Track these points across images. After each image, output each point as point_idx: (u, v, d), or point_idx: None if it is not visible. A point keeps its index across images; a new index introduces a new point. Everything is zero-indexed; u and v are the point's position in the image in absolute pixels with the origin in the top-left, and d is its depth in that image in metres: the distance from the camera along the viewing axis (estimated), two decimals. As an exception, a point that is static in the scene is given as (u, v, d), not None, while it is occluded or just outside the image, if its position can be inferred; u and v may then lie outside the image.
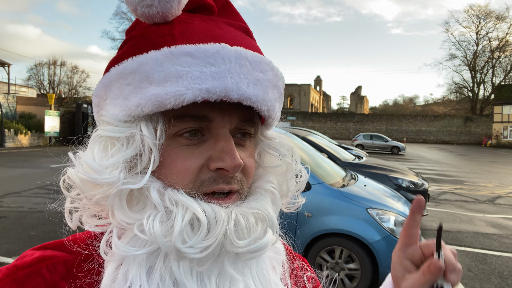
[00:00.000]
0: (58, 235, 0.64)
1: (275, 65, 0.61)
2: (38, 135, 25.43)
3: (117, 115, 0.56)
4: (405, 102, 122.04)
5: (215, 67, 0.52)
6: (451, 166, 20.58)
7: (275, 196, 0.63)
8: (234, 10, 0.65)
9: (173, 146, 0.55)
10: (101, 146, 0.55)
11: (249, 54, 0.55)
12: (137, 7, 0.55)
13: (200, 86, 0.50)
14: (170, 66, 0.51)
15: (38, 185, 10.11)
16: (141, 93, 0.53)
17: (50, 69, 52.16)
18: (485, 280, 4.82)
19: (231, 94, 0.52)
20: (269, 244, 0.56)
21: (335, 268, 4.08)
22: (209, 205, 0.52)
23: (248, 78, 0.54)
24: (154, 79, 0.52)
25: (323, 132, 52.91)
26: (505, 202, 10.32)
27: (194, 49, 0.52)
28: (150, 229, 0.50)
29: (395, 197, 4.84)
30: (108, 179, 0.51)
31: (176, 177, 0.54)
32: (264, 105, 0.56)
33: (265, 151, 0.68)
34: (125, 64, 0.55)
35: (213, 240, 0.50)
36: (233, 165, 0.54)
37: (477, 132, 55.64)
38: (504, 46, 63.24)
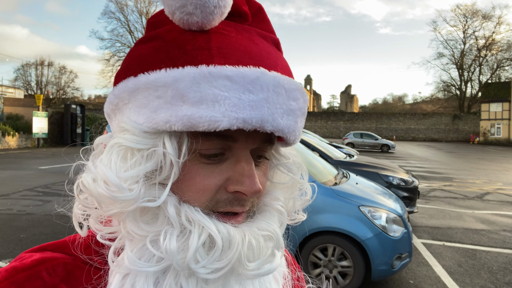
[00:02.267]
0: (48, 237, 0.62)
1: (304, 90, 0.59)
2: (26, 136, 25.05)
3: (141, 124, 0.52)
4: (394, 100, 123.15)
5: (253, 95, 0.49)
6: (440, 164, 20.84)
7: (282, 215, 0.62)
8: (266, 18, 0.63)
9: (194, 162, 0.53)
10: (119, 156, 0.52)
11: (286, 81, 0.53)
12: (176, 11, 0.51)
13: (237, 115, 0.48)
14: (207, 88, 0.48)
15: (26, 187, 9.97)
16: (172, 110, 0.50)
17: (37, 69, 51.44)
18: (475, 275, 4.90)
19: (266, 125, 0.50)
20: (278, 267, 0.56)
21: (328, 266, 4.11)
22: (224, 226, 0.52)
23: (283, 108, 0.52)
24: (188, 98, 0.49)
25: (314, 131, 53.14)
26: (493, 198, 10.48)
27: (234, 73, 0.49)
28: (167, 247, 0.49)
29: (386, 194, 4.89)
30: (129, 196, 0.49)
31: (194, 194, 0.53)
32: (293, 136, 0.55)
33: (277, 169, 0.67)
34: (156, 75, 0.51)
35: (226, 262, 0.50)
36: (252, 191, 0.53)
37: (465, 129, 56.44)
38: (490, 45, 64.24)
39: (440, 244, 6.13)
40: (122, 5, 56.60)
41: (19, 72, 53.71)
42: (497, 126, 49.89)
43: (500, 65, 63.43)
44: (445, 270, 5.02)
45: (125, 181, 0.50)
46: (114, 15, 55.69)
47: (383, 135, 54.35)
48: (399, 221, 4.19)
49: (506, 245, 6.18)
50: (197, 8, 0.50)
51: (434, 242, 6.23)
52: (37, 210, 7.51)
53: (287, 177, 0.67)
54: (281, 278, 0.65)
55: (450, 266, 5.16)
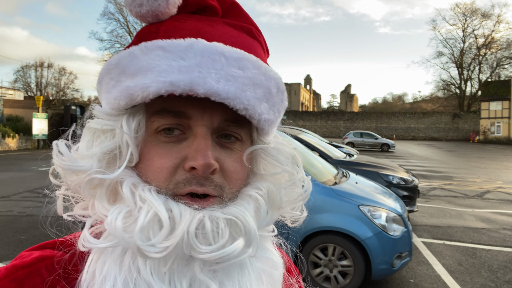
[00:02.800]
0: (48, 238, 0.63)
1: (265, 65, 0.57)
2: (26, 138, 25.05)
3: (104, 108, 0.59)
4: (394, 99, 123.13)
5: (184, 61, 0.51)
6: (440, 162, 20.84)
7: (259, 203, 0.57)
8: (242, 12, 0.63)
9: (153, 142, 0.55)
10: (88, 137, 0.58)
11: (227, 49, 0.53)
12: (131, 7, 0.57)
13: (164, 78, 0.50)
14: (143, 60, 0.52)
15: (27, 188, 9.97)
16: (118, 86, 0.55)
17: (37, 71, 51.45)
18: (475, 273, 4.90)
19: (196, 88, 0.50)
20: (240, 253, 0.52)
21: (328, 265, 4.11)
22: (177, 204, 0.51)
23: (220, 74, 0.51)
24: (129, 72, 0.53)
25: (313, 130, 53.12)
26: (493, 196, 10.49)
27: (167, 44, 0.52)
28: (112, 222, 0.50)
29: (386, 193, 4.89)
30: (80, 167, 0.54)
31: (151, 174, 0.54)
32: (239, 103, 0.52)
33: (260, 157, 0.64)
34: (110, 59, 0.57)
35: (172, 240, 0.49)
36: (202, 163, 0.51)
37: (465, 128, 56.42)
38: (490, 43, 64.24)
39: (440, 243, 6.14)
40: (122, 6, 56.61)
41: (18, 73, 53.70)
42: (497, 125, 49.87)
43: (500, 63, 63.43)
44: (445, 268, 5.02)
45: (85, 157, 0.55)
46: (113, 16, 55.69)
47: (383, 134, 54.35)
48: (399, 220, 4.20)
49: (506, 244, 6.18)
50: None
51: (434, 241, 6.23)
52: (37, 211, 7.52)
53: (275, 167, 0.63)
54: (271, 281, 0.61)
55: (451, 265, 5.17)
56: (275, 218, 0.61)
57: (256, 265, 0.59)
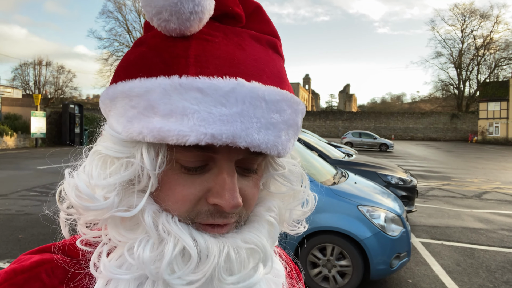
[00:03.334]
0: (47, 237, 0.62)
1: (296, 99, 0.55)
2: (24, 136, 24.99)
3: (119, 133, 0.52)
4: (393, 99, 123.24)
5: (226, 109, 0.46)
6: (439, 163, 20.88)
7: (273, 227, 0.59)
8: (265, 18, 0.59)
9: (174, 171, 0.52)
10: (100, 163, 0.53)
11: (267, 92, 0.49)
12: (154, 18, 0.50)
13: (205, 130, 0.46)
14: (177, 101, 0.47)
15: (25, 187, 9.95)
16: (144, 121, 0.49)
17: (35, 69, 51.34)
18: (473, 274, 4.91)
19: (238, 141, 0.47)
20: (260, 281, 0.54)
21: (327, 265, 4.11)
22: (202, 237, 0.51)
23: (261, 122, 0.48)
24: (159, 110, 0.48)
25: (312, 130, 53.19)
26: (491, 197, 10.51)
27: (207, 85, 0.46)
28: (140, 256, 0.49)
29: (384, 194, 4.89)
30: (102, 206, 0.50)
31: (173, 204, 0.52)
32: (274, 150, 0.51)
33: (274, 179, 0.64)
34: (132, 84, 0.50)
35: (201, 275, 0.49)
36: (231, 205, 0.50)
37: (463, 128, 56.52)
38: (488, 44, 64.32)
39: (439, 243, 6.14)
40: (120, 4, 56.56)
41: (17, 71, 53.61)
42: (495, 125, 49.97)
43: (498, 64, 63.53)
44: (444, 269, 5.03)
45: (102, 188, 0.51)
46: (112, 14, 55.63)
47: (382, 134, 54.41)
48: (397, 221, 4.20)
49: (504, 244, 6.19)
50: (172, 15, 0.48)
51: (432, 241, 6.24)
52: (35, 210, 7.50)
53: (285, 187, 0.64)
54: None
55: (449, 265, 5.17)
56: (280, 230, 0.64)
57: (266, 276, 0.60)
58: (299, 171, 0.65)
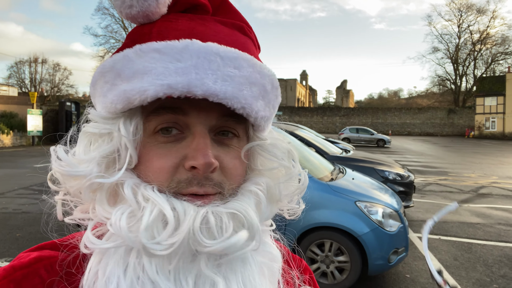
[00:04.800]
0: (44, 236, 0.63)
1: (259, 63, 0.57)
2: (20, 134, 24.88)
3: (99, 112, 0.58)
4: (390, 95, 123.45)
5: (180, 63, 0.51)
6: (436, 158, 20.95)
7: (259, 198, 0.58)
8: (232, 9, 0.63)
9: (152, 143, 0.55)
10: (85, 142, 0.58)
11: (223, 49, 0.53)
12: (121, 9, 0.56)
13: (162, 81, 0.50)
14: (138, 63, 0.52)
15: (22, 185, 9.92)
16: (114, 90, 0.54)
17: (31, 67, 51.08)
18: (470, 268, 4.94)
19: (194, 89, 0.50)
20: (243, 245, 0.52)
21: (325, 261, 4.12)
22: (180, 202, 0.52)
23: (217, 74, 0.51)
24: (124, 75, 0.53)
25: (309, 126, 53.18)
26: (488, 192, 10.56)
27: (163, 46, 0.52)
28: (117, 224, 0.50)
29: (382, 189, 4.90)
30: (80, 172, 0.54)
31: (152, 174, 0.54)
32: (237, 102, 0.53)
33: (257, 153, 0.64)
34: (104, 62, 0.56)
35: (178, 237, 0.49)
36: (203, 162, 0.52)
37: (460, 123, 56.70)
38: (485, 39, 64.41)
39: (436, 238, 6.18)
40: (116, 1, 56.03)
41: (12, 69, 53.32)
42: (492, 120, 50.19)
43: (495, 59, 63.67)
44: (441, 263, 5.05)
45: (83, 162, 0.55)
46: (108, 11, 55.20)
47: (379, 130, 54.50)
48: (395, 216, 4.21)
49: (501, 238, 6.23)
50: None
51: (430, 236, 6.26)
52: (32, 208, 7.48)
53: (272, 162, 0.64)
54: (272, 274, 0.62)
55: (446, 260, 5.20)
56: (274, 211, 0.63)
57: (257, 259, 0.60)
58: (286, 147, 0.65)
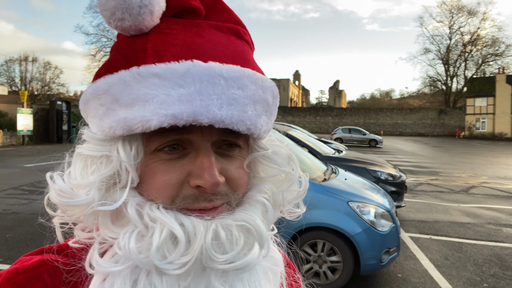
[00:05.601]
0: (34, 236, 0.62)
1: (260, 76, 0.56)
2: (10, 134, 24.54)
3: (95, 134, 0.55)
4: (382, 95, 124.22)
5: (183, 89, 0.48)
6: (427, 158, 21.13)
7: (266, 207, 0.59)
8: (225, 8, 0.60)
9: (154, 160, 0.53)
10: (81, 164, 0.55)
11: (225, 69, 0.51)
12: (110, 21, 0.53)
13: (166, 111, 0.48)
14: (138, 89, 0.49)
15: (12, 185, 9.79)
16: (112, 115, 0.52)
17: (21, 65, 50.46)
18: (461, 268, 4.98)
19: (200, 118, 0.48)
20: (255, 262, 0.53)
21: (318, 261, 4.13)
22: (188, 219, 0.51)
23: (222, 98, 0.49)
24: (123, 101, 0.50)
25: (302, 126, 53.30)
26: (478, 191, 10.68)
27: (163, 70, 0.49)
28: (126, 246, 0.49)
29: (374, 189, 4.93)
30: (82, 201, 0.51)
31: (156, 192, 0.52)
32: (242, 125, 0.52)
33: (259, 162, 0.64)
34: (98, 83, 0.53)
35: (191, 255, 0.49)
36: (210, 183, 0.51)
37: (451, 124, 57.29)
38: (475, 40, 65.10)
39: (427, 238, 6.22)
40: None
41: (2, 68, 52.67)
42: (482, 121, 50.77)
43: (485, 60, 64.34)
44: (432, 263, 5.10)
45: (84, 187, 0.52)
46: (99, 9, 54.70)
47: (371, 130, 54.82)
48: (387, 216, 4.24)
49: (491, 238, 6.30)
50: (124, 12, 0.51)
51: (421, 236, 6.32)
52: (23, 209, 7.39)
53: (274, 170, 0.64)
54: (276, 278, 0.62)
55: (437, 259, 5.24)
56: (276, 216, 0.63)
57: (262, 264, 0.60)
58: (286, 153, 0.65)
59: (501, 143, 40.11)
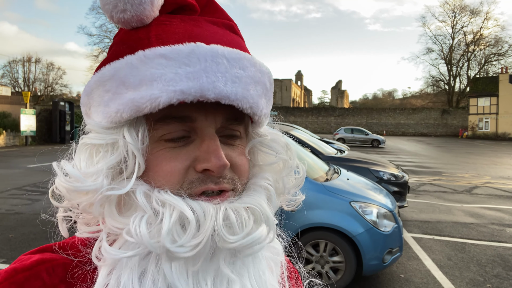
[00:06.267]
0: (37, 236, 0.62)
1: (258, 61, 0.59)
2: (13, 134, 24.66)
3: (100, 122, 0.56)
4: (384, 95, 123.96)
5: (190, 68, 0.50)
6: (430, 158, 21.07)
7: (270, 192, 0.61)
8: (218, 7, 0.63)
9: (159, 148, 0.54)
10: (86, 154, 0.55)
11: (227, 51, 0.54)
12: (113, 13, 0.55)
13: (174, 88, 0.49)
14: (145, 70, 0.51)
15: (15, 186, 9.83)
16: (119, 99, 0.53)
17: (24, 66, 50.68)
18: (464, 268, 4.97)
19: (207, 93, 0.50)
20: (264, 239, 0.54)
21: (320, 262, 4.13)
22: (197, 202, 0.51)
23: (226, 76, 0.52)
24: (130, 84, 0.52)
25: (304, 126, 53.27)
26: (481, 192, 10.64)
27: (168, 51, 0.51)
28: (136, 231, 0.49)
29: (376, 189, 4.92)
30: (91, 186, 0.51)
31: (162, 179, 0.53)
32: (246, 103, 0.54)
33: (258, 149, 0.66)
34: (103, 70, 0.55)
35: (202, 236, 0.49)
36: (218, 165, 0.53)
37: (454, 124, 57.08)
38: (478, 40, 64.92)
39: (430, 238, 6.21)
40: (111, 0, 55.80)
41: (5, 69, 52.90)
42: (485, 121, 50.58)
43: (488, 60, 64.16)
44: (435, 263, 5.08)
45: (90, 175, 0.52)
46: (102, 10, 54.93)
47: (374, 130, 54.73)
48: (389, 216, 4.23)
49: (495, 238, 6.28)
50: (126, 3, 0.53)
51: (424, 236, 6.30)
52: (26, 209, 7.42)
53: (273, 157, 0.65)
54: (278, 268, 0.64)
55: (440, 260, 5.23)
56: (279, 204, 0.65)
57: (264, 253, 0.61)
58: (283, 141, 0.67)
59: (504, 143, 39.94)
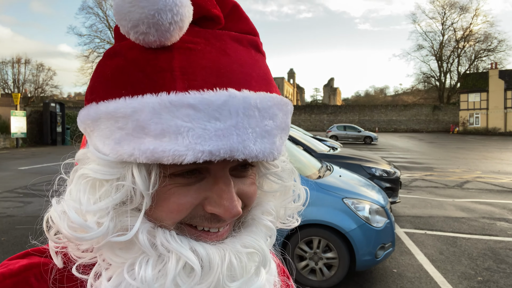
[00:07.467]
0: (30, 240, 0.62)
1: (284, 100, 0.54)
2: (4, 136, 24.36)
3: (107, 155, 0.50)
4: (376, 92, 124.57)
5: (220, 123, 0.45)
6: (421, 154, 21.24)
7: (272, 231, 0.61)
8: (243, 16, 0.57)
9: (168, 183, 0.50)
10: (87, 187, 0.50)
11: (259, 100, 0.48)
12: (130, 32, 0.47)
13: (202, 147, 0.44)
14: (169, 120, 0.45)
15: (6, 188, 9.73)
16: (135, 142, 0.47)
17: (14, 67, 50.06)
18: (456, 262, 5.03)
19: (236, 154, 0.46)
20: (263, 285, 0.55)
21: (314, 258, 4.16)
22: (202, 247, 0.50)
23: (256, 132, 0.48)
24: (150, 130, 0.46)
25: (297, 124, 53.38)
26: (472, 186, 10.76)
27: (198, 101, 0.45)
28: (142, 276, 0.47)
29: (369, 186, 4.96)
30: (96, 234, 0.48)
31: (167, 215, 0.50)
32: (271, 157, 0.50)
33: (267, 178, 0.64)
34: (116, 104, 0.47)
35: (206, 286, 0.49)
36: (231, 215, 0.50)
37: (445, 120, 57.58)
38: (468, 36, 65.49)
39: (422, 233, 6.27)
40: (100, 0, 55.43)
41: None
42: (476, 116, 51.09)
43: (478, 56, 64.78)
44: (427, 258, 5.14)
45: (94, 214, 0.49)
46: (92, 10, 54.49)
47: (366, 127, 54.97)
48: (382, 212, 4.27)
49: (485, 232, 6.36)
50: (150, 27, 0.46)
51: (416, 231, 6.37)
52: (17, 212, 7.35)
53: (277, 185, 0.64)
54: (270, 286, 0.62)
55: (432, 254, 5.29)
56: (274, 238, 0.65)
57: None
58: (290, 167, 0.65)
59: (494, 137, 40.40)
